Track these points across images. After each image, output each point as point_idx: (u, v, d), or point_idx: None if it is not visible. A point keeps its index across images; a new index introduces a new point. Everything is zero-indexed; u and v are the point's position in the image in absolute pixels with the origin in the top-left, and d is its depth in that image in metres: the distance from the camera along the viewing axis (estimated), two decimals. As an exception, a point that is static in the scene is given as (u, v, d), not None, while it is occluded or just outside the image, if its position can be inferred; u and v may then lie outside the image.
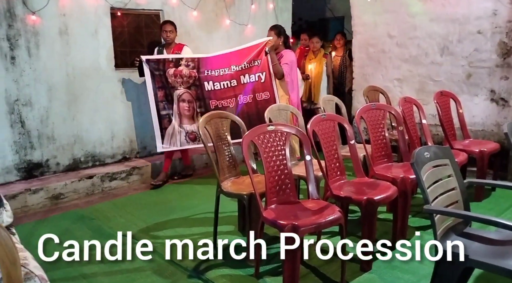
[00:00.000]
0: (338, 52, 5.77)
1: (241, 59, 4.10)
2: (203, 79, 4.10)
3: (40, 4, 3.94)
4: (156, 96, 4.09)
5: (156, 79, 4.07)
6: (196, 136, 4.18)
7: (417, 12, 4.73)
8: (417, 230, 3.08)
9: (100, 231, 3.25)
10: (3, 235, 1.33)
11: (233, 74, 4.11)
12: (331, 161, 2.82)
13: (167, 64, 4.08)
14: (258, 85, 4.14)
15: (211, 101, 4.15)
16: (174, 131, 4.17)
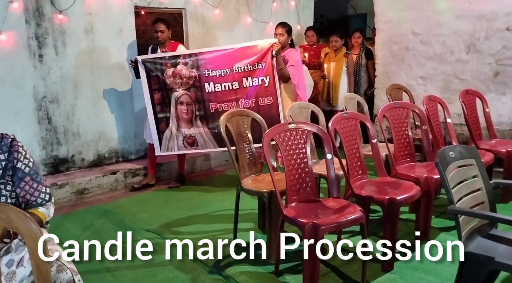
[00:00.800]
0: (354, 50, 5.57)
1: (243, 58, 3.85)
2: (204, 80, 3.86)
3: (67, 3, 4.04)
4: (153, 99, 3.88)
5: (152, 81, 3.85)
6: (194, 141, 3.99)
7: (442, 9, 4.63)
8: (441, 231, 3.04)
9: (123, 226, 3.32)
10: (33, 228, 1.38)
11: (235, 75, 3.87)
12: (352, 159, 2.79)
13: (165, 64, 3.85)
14: (261, 90, 3.91)
15: (211, 104, 3.90)
16: (172, 135, 3.96)
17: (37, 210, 1.78)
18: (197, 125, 3.92)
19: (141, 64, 3.81)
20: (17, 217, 1.38)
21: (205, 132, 3.94)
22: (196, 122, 3.92)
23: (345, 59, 5.14)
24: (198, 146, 3.98)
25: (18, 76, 3.87)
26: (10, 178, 1.73)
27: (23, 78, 3.90)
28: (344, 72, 5.15)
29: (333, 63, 5.16)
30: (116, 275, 2.58)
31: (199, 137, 3.95)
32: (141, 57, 3.82)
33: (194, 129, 3.94)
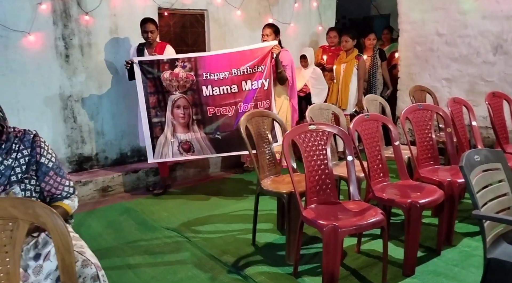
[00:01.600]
0: (368, 52, 5.40)
1: (243, 62, 3.71)
2: (202, 83, 3.69)
3: (93, 5, 4.13)
4: (148, 102, 3.71)
5: (148, 84, 3.69)
6: (191, 147, 3.78)
7: (468, 9, 4.52)
8: (464, 236, 2.98)
9: (144, 224, 3.37)
10: (59, 223, 1.42)
11: (234, 78, 3.71)
12: (373, 162, 2.76)
13: (162, 66, 3.69)
14: (261, 93, 3.75)
15: (208, 108, 3.74)
16: (167, 140, 3.77)
17: (62, 202, 1.84)
18: (193, 130, 3.76)
19: (138, 66, 3.66)
20: (43, 212, 1.42)
21: (202, 138, 3.79)
22: (192, 127, 3.76)
23: (356, 61, 4.86)
24: (195, 152, 3.81)
25: (45, 76, 3.98)
26: (34, 173, 1.77)
27: (50, 78, 4.01)
28: (355, 74, 4.87)
29: (344, 65, 4.92)
30: (137, 272, 2.62)
31: (196, 143, 3.79)
32: (138, 59, 3.69)
33: (190, 134, 3.77)
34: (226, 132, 3.74)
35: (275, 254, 2.81)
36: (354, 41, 4.84)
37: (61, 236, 1.44)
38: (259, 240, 2.99)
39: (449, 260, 2.68)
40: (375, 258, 2.70)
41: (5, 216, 1.40)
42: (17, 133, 1.77)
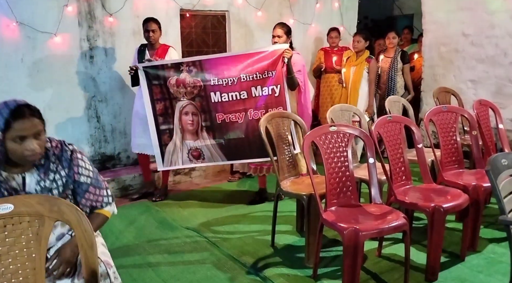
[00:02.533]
0: (389, 53, 5.04)
1: (251, 67, 3.47)
2: (209, 89, 3.50)
3: (117, 7, 4.21)
4: (155, 109, 3.56)
5: (154, 90, 3.54)
6: (201, 154, 3.64)
7: (496, 9, 4.40)
8: (490, 242, 2.90)
9: (164, 223, 3.41)
10: (83, 221, 1.45)
11: (242, 84, 3.48)
12: (396, 164, 2.71)
13: (167, 71, 3.51)
14: (272, 100, 3.50)
15: (217, 114, 3.54)
16: (176, 148, 3.64)
17: (103, 210, 1.84)
18: (203, 137, 3.60)
19: (142, 71, 3.50)
20: (68, 209, 1.45)
21: (212, 145, 3.61)
22: (202, 134, 3.60)
23: (367, 64, 4.56)
24: (205, 159, 3.66)
25: (70, 76, 4.08)
26: (70, 192, 1.75)
27: (75, 78, 4.11)
28: (365, 78, 4.58)
29: (354, 68, 4.62)
30: (157, 270, 2.65)
31: (206, 150, 3.63)
32: (142, 65, 3.55)
33: (200, 141, 3.61)
34: (236, 139, 3.56)
35: (294, 256, 2.79)
36: (366, 43, 4.57)
37: (85, 233, 1.47)
38: (278, 242, 2.99)
39: (474, 266, 2.61)
40: (397, 262, 2.65)
41: (31, 213, 1.44)
42: (54, 150, 1.71)
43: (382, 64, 4.97)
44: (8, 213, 1.40)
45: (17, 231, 1.43)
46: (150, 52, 3.79)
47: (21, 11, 3.73)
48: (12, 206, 1.41)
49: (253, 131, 3.46)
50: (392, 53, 5.01)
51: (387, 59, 5.00)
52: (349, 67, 4.66)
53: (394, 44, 5.00)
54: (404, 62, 4.98)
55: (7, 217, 1.40)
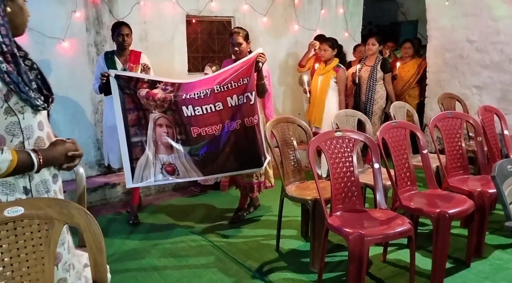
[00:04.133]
0: (369, 61, 4.70)
1: (226, 76, 3.19)
2: (181, 103, 3.14)
3: (124, 12, 4.26)
4: (126, 120, 3.17)
5: (126, 99, 3.15)
6: (175, 169, 3.23)
7: (501, 15, 4.41)
8: (495, 249, 2.89)
9: (170, 227, 3.42)
10: (93, 224, 1.47)
11: (217, 96, 3.15)
12: (401, 170, 2.72)
13: (140, 84, 3.13)
14: (247, 108, 3.18)
15: (192, 128, 3.19)
16: (148, 162, 3.20)
17: None
18: (177, 151, 3.22)
19: (114, 79, 3.11)
20: (77, 213, 1.48)
21: (187, 160, 3.24)
22: (177, 148, 3.22)
23: (335, 73, 4.34)
24: (180, 175, 3.25)
25: (77, 81, 4.12)
26: None
27: (82, 83, 4.15)
28: (333, 88, 4.37)
29: (321, 77, 4.42)
30: (162, 274, 2.66)
31: (180, 165, 3.23)
32: (114, 72, 3.14)
33: (174, 155, 3.24)
34: (212, 153, 3.22)
35: (299, 261, 2.80)
36: (334, 51, 4.36)
37: (94, 237, 1.49)
38: (283, 246, 2.99)
39: (479, 272, 2.60)
40: (402, 268, 2.65)
41: (41, 216, 1.46)
42: None
43: (361, 73, 4.70)
44: (18, 216, 1.42)
45: (27, 234, 1.45)
46: (121, 59, 3.53)
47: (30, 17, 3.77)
48: (22, 209, 1.43)
49: (230, 144, 3.19)
50: (372, 62, 4.68)
51: (367, 68, 4.69)
52: (317, 76, 4.47)
53: (374, 51, 4.66)
54: (385, 71, 4.65)
55: (17, 219, 1.42)
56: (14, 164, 1.41)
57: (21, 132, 1.49)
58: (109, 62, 3.50)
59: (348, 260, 2.18)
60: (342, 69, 4.38)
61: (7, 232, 1.40)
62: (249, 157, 3.19)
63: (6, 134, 1.45)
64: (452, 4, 4.79)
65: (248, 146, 3.18)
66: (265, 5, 5.22)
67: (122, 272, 2.68)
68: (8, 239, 1.40)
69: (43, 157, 1.48)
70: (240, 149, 3.18)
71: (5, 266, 1.39)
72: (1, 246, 1.39)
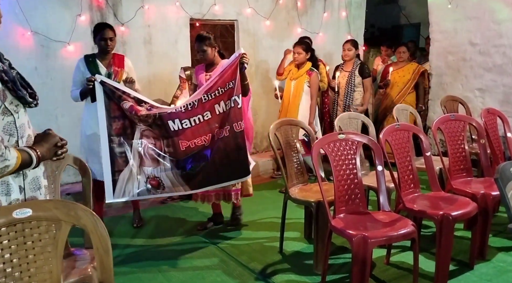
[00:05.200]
0: (346, 66, 4.59)
1: (213, 85, 3.01)
2: (166, 118, 2.95)
3: (129, 16, 4.29)
4: (110, 128, 2.93)
5: (112, 107, 2.92)
6: (160, 183, 2.98)
7: (503, 18, 4.42)
8: (499, 251, 2.89)
9: (175, 229, 3.44)
10: (99, 225, 1.49)
11: (205, 105, 2.98)
12: (404, 172, 2.73)
13: (125, 97, 2.92)
14: (235, 112, 3.02)
15: (181, 142, 2.98)
16: (132, 175, 2.94)
17: None
18: (164, 164, 2.99)
19: (100, 85, 2.89)
20: (84, 214, 1.50)
21: (174, 174, 3.00)
22: (163, 161, 2.99)
23: (308, 78, 4.14)
24: (165, 189, 3.00)
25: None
26: None
27: (87, 86, 4.18)
28: (307, 93, 4.16)
29: (294, 82, 4.22)
30: (167, 275, 2.68)
31: (166, 179, 2.99)
32: (101, 78, 2.92)
33: (160, 168, 3.00)
34: (201, 166, 3.01)
35: (303, 263, 2.81)
36: (307, 55, 4.16)
37: (101, 238, 1.51)
38: (286, 248, 3.00)
39: (483, 274, 2.60)
40: (405, 270, 2.66)
41: (49, 217, 1.48)
42: None
43: (339, 79, 4.60)
44: (26, 218, 1.44)
45: (35, 235, 1.47)
46: (104, 63, 3.27)
47: (35, 21, 3.82)
48: (31, 211, 1.45)
49: (220, 153, 3.00)
50: (350, 67, 4.58)
51: (345, 74, 4.59)
52: (290, 81, 4.30)
53: (350, 57, 4.55)
54: (363, 76, 4.54)
55: (25, 221, 1.44)
56: (20, 161, 1.45)
57: (16, 131, 1.53)
58: (91, 67, 3.22)
59: (352, 262, 2.19)
60: (315, 73, 4.19)
61: (16, 233, 1.43)
62: (238, 166, 3.03)
63: (3, 134, 1.49)
64: (454, 7, 4.81)
65: (237, 153, 3.01)
66: (268, 9, 5.25)
67: (126, 273, 2.69)
68: (16, 240, 1.43)
69: (40, 152, 1.52)
70: (230, 157, 3.00)
71: (13, 267, 1.42)
72: (10, 247, 1.42)
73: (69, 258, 1.98)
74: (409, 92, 4.91)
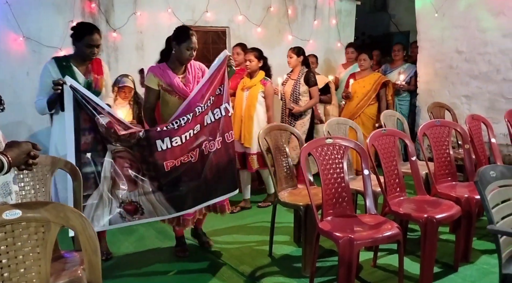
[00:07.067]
0: (293, 74, 4.33)
1: (205, 93, 2.69)
2: (155, 137, 2.55)
3: (121, 22, 4.34)
4: (79, 143, 2.44)
5: (82, 117, 2.44)
6: (137, 208, 2.57)
7: (488, 27, 4.54)
8: (482, 253, 2.95)
9: (164, 233, 3.45)
10: (89, 227, 1.52)
11: (197, 119, 2.66)
12: (390, 176, 2.79)
13: (99, 108, 2.47)
14: (226, 122, 2.76)
15: (166, 162, 2.57)
16: (102, 200, 2.50)
17: None
18: (143, 187, 2.58)
19: (70, 90, 2.41)
20: (73, 216, 1.53)
21: (157, 197, 2.60)
22: (142, 184, 2.58)
23: (262, 87, 3.86)
24: (144, 214, 2.60)
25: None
26: None
27: (79, 91, 4.20)
28: (262, 104, 3.89)
29: (247, 92, 3.91)
30: (155, 279, 2.70)
31: (146, 203, 2.59)
32: (71, 82, 2.44)
33: (138, 191, 2.57)
34: (190, 184, 2.67)
35: (292, 266, 2.85)
36: (260, 62, 3.87)
37: (89, 239, 1.53)
38: (275, 252, 3.04)
39: (467, 276, 2.66)
40: (391, 272, 2.71)
41: (38, 219, 1.50)
42: None
43: (285, 88, 4.37)
44: (16, 219, 1.47)
45: (24, 236, 1.49)
46: (81, 69, 2.83)
47: (28, 26, 3.85)
48: (20, 212, 1.47)
49: (212, 169, 2.72)
50: (296, 75, 4.31)
51: (291, 82, 4.34)
52: (241, 91, 3.97)
53: (292, 65, 4.31)
54: (309, 85, 4.24)
55: (15, 222, 1.47)
56: None
57: None
58: (65, 73, 2.68)
59: (339, 263, 2.23)
60: (269, 82, 3.92)
61: (5, 234, 1.45)
62: (228, 180, 2.81)
63: None
64: (441, 16, 4.92)
65: (228, 165, 2.78)
66: (259, 16, 5.33)
67: (116, 277, 2.71)
68: (6, 241, 1.45)
69: (12, 158, 1.49)
70: (221, 171, 2.75)
71: (2, 267, 1.44)
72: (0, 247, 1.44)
73: (60, 261, 2.01)
74: (370, 104, 4.60)
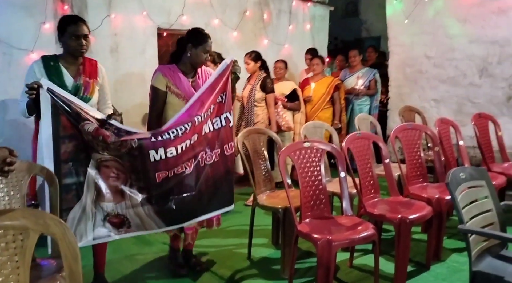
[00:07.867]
0: (251, 79, 4.28)
1: (206, 100, 2.47)
2: (149, 147, 2.31)
3: (95, 24, 4.25)
4: (58, 152, 2.19)
5: (62, 123, 2.19)
6: (124, 221, 2.34)
7: (455, 34, 4.74)
8: (453, 252, 3.08)
9: (141, 239, 3.40)
10: (68, 234, 1.50)
11: (196, 128, 2.44)
12: (365, 178, 2.87)
13: (84, 114, 2.21)
14: (227, 132, 2.57)
15: (158, 173, 2.35)
16: (85, 214, 2.26)
17: None
18: (131, 199, 2.35)
19: (46, 93, 2.14)
20: (53, 223, 1.50)
21: (146, 210, 2.37)
22: (130, 195, 2.35)
23: None
24: (131, 227, 2.37)
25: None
26: None
27: (51, 95, 4.10)
28: None
29: None
30: None
31: (134, 216, 2.36)
32: (48, 84, 2.17)
33: (125, 203, 2.34)
34: (184, 197, 2.46)
35: (270, 268, 2.88)
36: (216, 66, 3.76)
37: (69, 245, 1.51)
38: (254, 255, 3.06)
39: (438, 274, 2.77)
40: (367, 272, 2.78)
41: (16, 226, 1.47)
42: None
43: (244, 93, 4.32)
44: (-7, 227, 1.44)
45: (2, 245, 1.46)
46: (70, 70, 2.51)
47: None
48: (-3, 220, 1.44)
49: (206, 182, 2.52)
50: (253, 80, 4.24)
51: (248, 87, 4.27)
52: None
53: (250, 70, 4.22)
54: (265, 92, 4.17)
55: (-9, 230, 1.44)
56: None
57: None
58: (52, 74, 2.40)
59: (317, 265, 2.28)
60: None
61: (-17, 243, 1.42)
62: (224, 194, 2.63)
63: None
64: (411, 22, 5.09)
65: (225, 179, 2.60)
66: (235, 20, 5.36)
67: (93, 284, 2.66)
68: (-17, 250, 1.42)
69: None
70: (217, 185, 2.56)
71: (-21, 277, 1.40)
72: (-23, 256, 1.41)
73: (36, 269, 1.96)
74: (324, 107, 4.67)
